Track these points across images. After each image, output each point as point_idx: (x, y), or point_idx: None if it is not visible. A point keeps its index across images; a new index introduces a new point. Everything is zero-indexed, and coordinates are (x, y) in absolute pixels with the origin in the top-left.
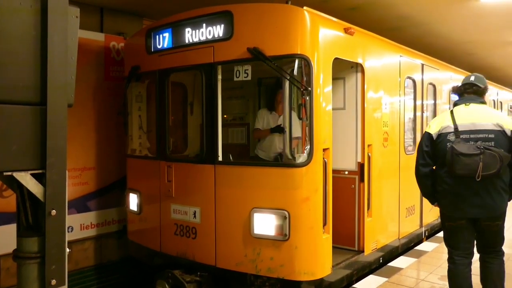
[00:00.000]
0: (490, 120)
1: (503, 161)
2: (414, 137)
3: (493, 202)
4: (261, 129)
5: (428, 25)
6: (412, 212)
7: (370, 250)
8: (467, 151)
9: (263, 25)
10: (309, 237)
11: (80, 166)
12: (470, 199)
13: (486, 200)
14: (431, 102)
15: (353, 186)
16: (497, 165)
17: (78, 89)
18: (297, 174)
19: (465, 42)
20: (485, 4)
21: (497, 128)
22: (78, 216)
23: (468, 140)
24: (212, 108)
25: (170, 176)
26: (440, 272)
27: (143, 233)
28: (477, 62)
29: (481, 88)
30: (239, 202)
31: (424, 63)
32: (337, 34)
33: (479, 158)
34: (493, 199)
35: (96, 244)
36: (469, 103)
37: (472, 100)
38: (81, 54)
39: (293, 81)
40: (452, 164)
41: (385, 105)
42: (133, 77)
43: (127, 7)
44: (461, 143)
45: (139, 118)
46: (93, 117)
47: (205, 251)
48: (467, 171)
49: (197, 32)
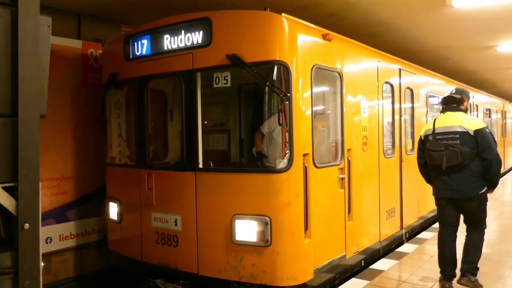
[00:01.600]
0: (458, 123)
1: (463, 155)
2: (393, 140)
3: (462, 187)
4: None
5: (405, 31)
6: (392, 214)
7: (352, 253)
8: (434, 148)
9: (242, 32)
10: (291, 243)
11: (58, 176)
12: (446, 184)
13: (457, 185)
14: (408, 106)
15: None
16: (458, 158)
17: (55, 97)
18: (277, 180)
19: (440, 47)
20: (458, 10)
21: (462, 129)
22: (57, 227)
23: (442, 140)
24: (192, 115)
25: (150, 184)
26: (421, 273)
27: (124, 242)
28: (453, 66)
29: (457, 99)
30: (221, 209)
31: (401, 68)
32: (315, 40)
33: (443, 153)
34: (463, 185)
35: (76, 255)
36: (446, 112)
37: (449, 109)
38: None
39: (272, 87)
40: (428, 158)
41: (364, 109)
42: (112, 84)
43: (105, 14)
44: (433, 142)
45: (118, 126)
46: (71, 125)
47: (187, 259)
48: (436, 162)
49: (175, 39)
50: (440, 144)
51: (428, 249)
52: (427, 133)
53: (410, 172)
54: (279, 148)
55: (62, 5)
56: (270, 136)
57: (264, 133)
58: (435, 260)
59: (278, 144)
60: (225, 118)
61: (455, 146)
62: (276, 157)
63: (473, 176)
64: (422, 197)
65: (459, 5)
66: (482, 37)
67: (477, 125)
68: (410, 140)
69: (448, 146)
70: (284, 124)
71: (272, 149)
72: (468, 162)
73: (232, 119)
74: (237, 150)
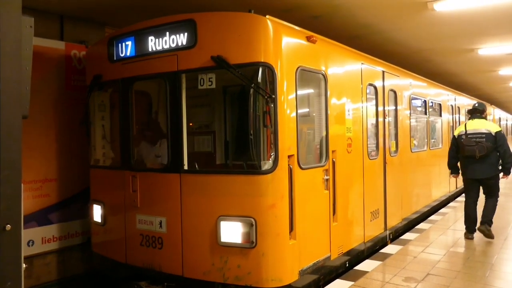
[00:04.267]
0: (483, 127)
1: (488, 149)
2: (377, 142)
3: (486, 170)
4: None
5: (388, 33)
6: (376, 215)
7: (336, 254)
8: (468, 143)
9: (227, 34)
10: (276, 244)
11: (41, 178)
12: (474, 168)
13: (482, 169)
14: (392, 108)
15: None
16: (484, 151)
17: (38, 99)
18: (262, 181)
19: (423, 50)
20: (440, 14)
21: (487, 131)
22: (39, 229)
23: (472, 138)
24: (177, 117)
25: (135, 186)
26: (404, 274)
27: (108, 244)
28: (435, 69)
29: (480, 110)
30: (206, 211)
31: (385, 70)
32: (299, 42)
33: (475, 147)
34: (486, 168)
35: (59, 258)
36: (473, 118)
37: (475, 116)
38: (41, 63)
39: (257, 88)
40: (462, 150)
41: (348, 111)
42: (96, 86)
43: (89, 15)
44: (466, 139)
45: (102, 128)
46: (54, 127)
47: (172, 261)
48: (470, 153)
49: (160, 41)
50: (472, 141)
51: (412, 250)
52: (461, 133)
53: (394, 174)
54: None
55: (45, 6)
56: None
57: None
58: (418, 260)
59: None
60: (210, 119)
61: (482, 143)
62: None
63: (492, 163)
64: (405, 198)
65: (441, 9)
66: (464, 40)
67: (496, 128)
68: (394, 142)
69: (477, 142)
70: (269, 126)
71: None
72: (490, 154)
73: (217, 120)
74: (222, 152)
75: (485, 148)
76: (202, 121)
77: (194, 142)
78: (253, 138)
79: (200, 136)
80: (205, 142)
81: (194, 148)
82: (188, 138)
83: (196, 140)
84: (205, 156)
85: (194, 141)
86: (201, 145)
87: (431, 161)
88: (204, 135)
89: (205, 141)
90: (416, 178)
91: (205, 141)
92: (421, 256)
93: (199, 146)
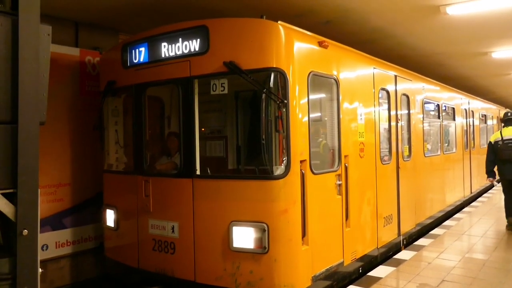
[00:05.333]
0: None
1: None
2: (390, 147)
3: None
4: None
5: (400, 37)
6: (389, 221)
7: (349, 260)
8: (505, 148)
9: (239, 40)
10: (288, 249)
11: (55, 183)
12: (510, 170)
13: None
14: (405, 112)
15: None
16: None
17: (53, 105)
18: (275, 186)
19: (435, 54)
20: (453, 17)
21: None
22: (53, 234)
23: (508, 143)
24: (189, 122)
25: (147, 191)
26: (418, 280)
27: (120, 249)
28: (448, 73)
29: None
30: (218, 216)
31: (397, 74)
32: (311, 47)
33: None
34: None
35: (72, 262)
36: (508, 126)
37: (510, 124)
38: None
39: (269, 94)
40: (500, 155)
41: (360, 116)
42: (109, 92)
43: (103, 22)
44: (503, 145)
45: (115, 133)
46: (69, 132)
47: (184, 266)
48: (506, 157)
49: (173, 47)
50: (508, 146)
51: (426, 255)
52: (497, 140)
53: (407, 179)
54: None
55: (60, 13)
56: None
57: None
58: (432, 266)
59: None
60: (222, 125)
61: None
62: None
63: None
64: (419, 203)
65: (454, 12)
66: (477, 43)
67: None
68: (407, 147)
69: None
70: (281, 131)
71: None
72: None
73: (229, 125)
74: (234, 157)
75: None
76: (214, 126)
77: (206, 147)
78: (265, 143)
79: (212, 141)
80: (217, 147)
81: (206, 153)
82: (200, 143)
83: (208, 145)
84: (217, 161)
85: (206, 146)
86: (213, 150)
87: (445, 166)
88: (216, 140)
89: (217, 146)
90: (429, 183)
91: (217, 146)
92: (436, 262)
93: (211, 151)
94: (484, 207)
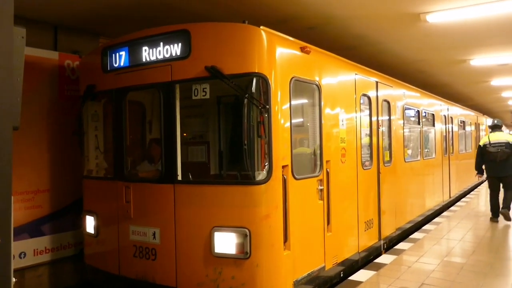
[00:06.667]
0: (503, 138)
1: (507, 154)
2: (371, 152)
3: (504, 170)
4: None
5: (382, 44)
6: (370, 225)
7: (331, 264)
8: (492, 151)
9: (221, 44)
10: (270, 255)
11: (33, 189)
12: (495, 168)
13: (503, 169)
14: (386, 118)
15: None
16: (505, 156)
17: (31, 109)
18: (256, 192)
19: (416, 61)
20: (433, 25)
21: (505, 141)
22: (31, 241)
23: (495, 146)
24: (170, 127)
25: (128, 197)
26: (398, 284)
27: (101, 256)
28: (429, 79)
29: (499, 125)
30: (200, 221)
31: (378, 80)
32: (293, 53)
33: (497, 153)
34: (505, 169)
35: (51, 270)
36: (495, 131)
37: (496, 130)
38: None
39: (251, 99)
40: (487, 156)
41: (342, 121)
42: (89, 96)
43: (82, 25)
44: (490, 147)
45: (95, 138)
46: (47, 137)
47: (166, 273)
48: (492, 158)
49: (154, 51)
50: (495, 148)
51: (406, 259)
52: (485, 143)
53: (388, 184)
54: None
55: (38, 16)
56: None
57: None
58: (412, 270)
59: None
60: (204, 130)
61: (503, 150)
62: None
63: (510, 165)
64: (399, 208)
65: (434, 20)
66: (456, 51)
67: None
68: (387, 152)
69: (498, 149)
70: (263, 136)
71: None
72: (508, 158)
73: (211, 131)
74: (216, 162)
75: (505, 153)
76: (196, 131)
77: (188, 152)
78: (247, 148)
79: (194, 146)
80: (199, 152)
81: (188, 158)
82: (182, 148)
83: (190, 150)
84: (199, 166)
85: (188, 151)
86: (195, 155)
87: (425, 171)
88: (198, 145)
89: (199, 151)
90: (409, 188)
91: (199, 151)
92: (415, 266)
93: (193, 157)
94: (463, 211)
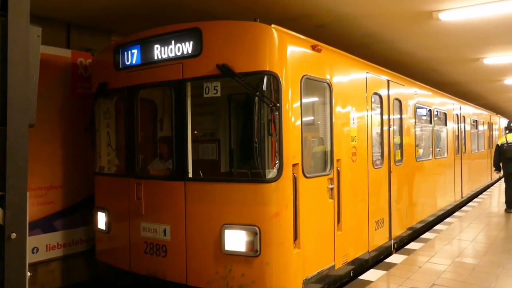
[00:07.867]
0: None
1: None
2: (382, 151)
3: None
4: None
5: (393, 42)
6: (381, 225)
7: (340, 263)
8: (509, 149)
9: (232, 42)
10: (280, 253)
11: (46, 185)
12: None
13: None
14: (397, 117)
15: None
16: None
17: (44, 106)
18: (267, 190)
19: (428, 59)
20: (445, 23)
21: None
22: (43, 237)
23: (511, 145)
24: (181, 125)
25: (139, 194)
26: (409, 284)
27: (112, 252)
28: (440, 78)
29: None
30: (210, 219)
31: (389, 79)
32: (304, 51)
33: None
34: None
35: (63, 265)
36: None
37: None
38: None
39: (262, 97)
40: (505, 154)
41: (353, 120)
42: (101, 94)
43: (95, 23)
44: (507, 146)
45: (107, 135)
46: (60, 134)
47: (176, 269)
48: (509, 155)
49: (166, 49)
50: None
51: (417, 259)
52: (503, 143)
53: (399, 183)
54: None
55: (51, 15)
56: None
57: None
58: (423, 270)
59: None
60: (215, 127)
61: None
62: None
63: None
64: (410, 207)
65: (446, 18)
66: (469, 49)
67: None
68: (399, 151)
69: None
70: (274, 134)
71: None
72: None
73: (222, 128)
74: (226, 160)
75: None
76: (207, 129)
77: (198, 150)
78: (257, 146)
79: (205, 144)
80: (209, 150)
81: (198, 156)
82: (192, 146)
83: (200, 148)
84: (210, 164)
85: (198, 149)
86: (205, 153)
87: (436, 170)
88: (209, 143)
89: (209, 149)
90: (421, 187)
91: (210, 149)
92: (426, 266)
93: (203, 154)
94: (475, 212)
